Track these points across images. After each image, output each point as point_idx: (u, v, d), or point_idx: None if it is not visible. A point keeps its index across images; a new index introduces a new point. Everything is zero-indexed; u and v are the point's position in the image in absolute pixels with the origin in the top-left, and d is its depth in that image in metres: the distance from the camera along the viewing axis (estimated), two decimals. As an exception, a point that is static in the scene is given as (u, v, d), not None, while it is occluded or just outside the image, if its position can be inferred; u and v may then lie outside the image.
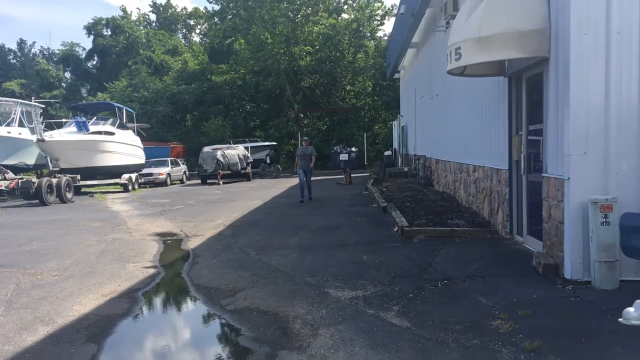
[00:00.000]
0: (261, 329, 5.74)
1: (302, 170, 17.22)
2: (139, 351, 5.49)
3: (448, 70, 8.51)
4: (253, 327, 5.79)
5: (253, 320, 6.00)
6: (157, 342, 5.73)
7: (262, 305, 6.48)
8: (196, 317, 6.57)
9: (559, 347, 4.73)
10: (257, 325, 5.83)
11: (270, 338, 5.46)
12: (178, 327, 6.27)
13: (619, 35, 6.36)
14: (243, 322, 5.99)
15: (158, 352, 5.42)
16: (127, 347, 5.56)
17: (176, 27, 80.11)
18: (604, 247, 6.17)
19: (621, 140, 6.40)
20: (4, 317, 6.11)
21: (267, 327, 5.78)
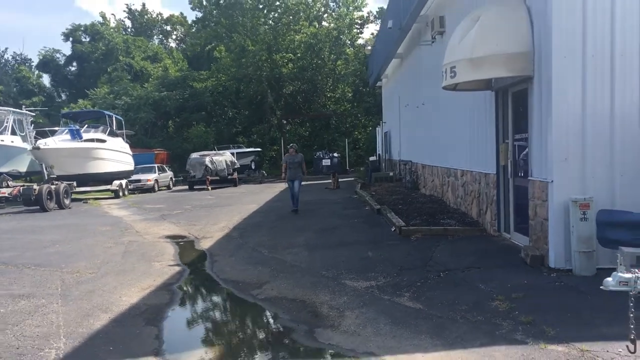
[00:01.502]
0: (294, 312, 6.67)
1: (290, 180, 16.05)
2: (194, 331, 6.39)
3: (443, 86, 9.54)
4: (287, 311, 6.71)
5: (285, 306, 6.92)
6: (207, 324, 6.64)
7: (289, 294, 7.40)
8: (234, 304, 7.45)
9: (549, 319, 5.75)
10: (290, 310, 6.76)
11: (305, 319, 6.39)
12: (221, 312, 7.17)
13: (593, 58, 7.45)
14: (277, 307, 6.90)
15: (210, 331, 6.33)
16: (182, 329, 6.46)
17: (152, 33, 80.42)
18: (583, 240, 7.24)
19: (596, 149, 7.49)
20: (65, 307, 6.92)
21: (299, 311, 6.70)
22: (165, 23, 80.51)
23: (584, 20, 7.43)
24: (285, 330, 6.15)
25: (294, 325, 6.20)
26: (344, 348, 5.44)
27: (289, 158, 16.27)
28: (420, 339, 5.51)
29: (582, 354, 4.90)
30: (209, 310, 7.28)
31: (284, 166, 16.35)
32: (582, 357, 4.85)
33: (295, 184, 15.96)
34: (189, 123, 47.79)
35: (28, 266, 9.46)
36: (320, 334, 5.88)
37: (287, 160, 16.34)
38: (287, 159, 16.36)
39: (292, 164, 16.07)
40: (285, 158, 16.71)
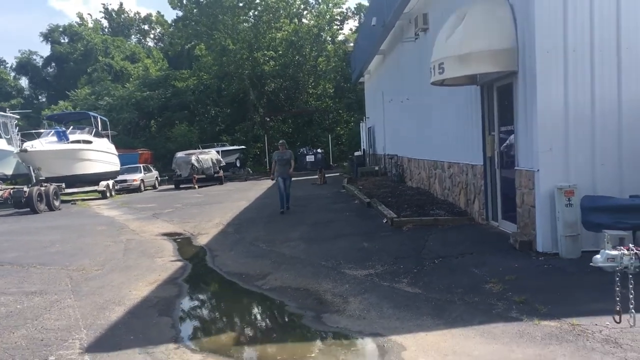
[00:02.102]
0: (300, 300, 7.04)
1: (280, 178, 15.24)
2: (207, 320, 6.73)
3: (432, 82, 9.94)
4: (293, 299, 7.08)
5: (290, 295, 7.28)
6: (218, 313, 6.98)
7: (293, 284, 7.76)
8: (241, 294, 7.77)
9: (541, 298, 6.18)
10: (296, 298, 7.12)
11: (311, 306, 6.76)
12: (230, 302, 7.52)
13: (574, 52, 7.90)
14: (282, 296, 7.26)
15: (223, 320, 6.67)
16: (196, 318, 6.80)
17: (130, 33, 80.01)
18: (568, 225, 7.70)
19: (578, 139, 7.94)
20: (79, 302, 7.21)
21: (305, 299, 7.07)
22: (142, 22, 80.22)
23: (565, 17, 7.86)
24: (295, 316, 6.52)
25: (302, 312, 6.57)
26: (352, 330, 5.82)
27: (278, 155, 15.44)
28: (422, 320, 5.91)
29: (573, 327, 5.33)
30: (218, 301, 7.62)
31: (273, 163, 15.59)
32: (573, 330, 5.27)
33: (286, 182, 15.26)
34: (171, 122, 47.80)
35: (34, 265, 9.70)
36: (327, 318, 6.25)
37: (276, 157, 15.47)
38: (277, 155, 15.48)
39: (281, 161, 15.27)
40: (274, 155, 15.81)
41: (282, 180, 15.18)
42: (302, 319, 6.37)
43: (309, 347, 5.55)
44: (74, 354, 5.34)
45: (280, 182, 15.20)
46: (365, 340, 5.53)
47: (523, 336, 5.25)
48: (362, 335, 5.66)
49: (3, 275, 8.94)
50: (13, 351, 5.45)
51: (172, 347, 5.53)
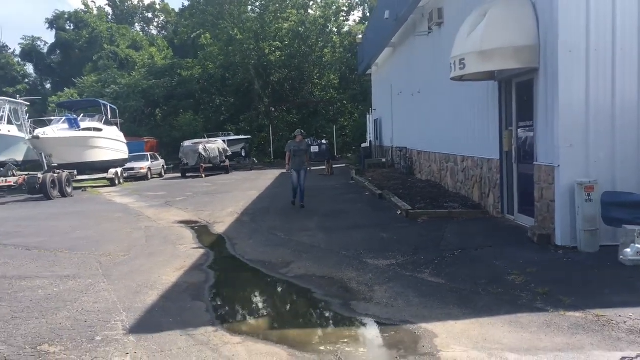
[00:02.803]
0: (326, 288, 7.24)
1: (294, 170, 14.41)
2: (239, 305, 6.95)
3: (451, 77, 10.13)
4: (319, 287, 7.28)
5: (316, 283, 7.48)
6: (248, 299, 7.19)
7: (317, 272, 7.97)
8: (267, 281, 7.97)
9: (563, 290, 6.40)
10: (322, 286, 7.32)
11: (337, 294, 6.96)
12: (258, 289, 7.73)
13: (595, 52, 8.08)
14: (308, 284, 7.46)
15: (253, 305, 6.89)
16: (227, 303, 7.04)
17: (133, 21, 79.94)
18: (587, 219, 7.90)
19: (598, 135, 8.14)
20: (113, 286, 7.42)
21: (330, 287, 7.27)
22: (146, 10, 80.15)
23: (588, 17, 8.04)
24: (323, 303, 6.73)
25: (330, 299, 6.78)
26: (381, 318, 6.02)
27: (295, 145, 14.45)
28: (449, 309, 6.12)
29: (598, 318, 5.55)
30: (246, 287, 7.82)
31: (288, 155, 14.49)
32: (598, 321, 5.49)
33: (301, 175, 14.31)
34: (176, 111, 47.94)
35: (60, 250, 9.92)
36: (356, 306, 6.46)
37: (292, 147, 14.46)
38: (292, 145, 14.49)
39: (297, 152, 14.33)
40: (289, 145, 14.72)
41: (297, 172, 14.33)
42: (331, 305, 6.58)
43: (342, 333, 5.75)
44: (119, 335, 5.55)
45: (295, 175, 14.36)
46: (396, 327, 5.72)
47: (550, 326, 5.46)
48: (392, 322, 5.85)
49: (34, 259, 9.16)
50: (60, 332, 5.66)
51: (210, 330, 5.74)
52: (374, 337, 5.54)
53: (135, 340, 5.40)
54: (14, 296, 7.00)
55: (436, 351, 5.02)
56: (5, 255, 9.67)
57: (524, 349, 4.96)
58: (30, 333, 5.63)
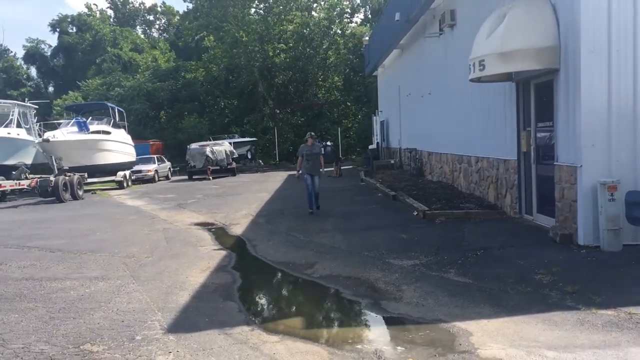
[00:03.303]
0: (354, 288, 7.31)
1: (308, 175, 13.59)
2: (270, 305, 7.03)
3: (470, 78, 10.22)
4: (346, 287, 7.35)
5: (342, 283, 7.55)
6: (279, 299, 7.27)
7: (343, 273, 8.04)
8: (295, 282, 8.04)
9: (592, 289, 6.47)
10: (349, 286, 7.39)
11: (366, 294, 7.03)
12: (286, 289, 7.82)
13: (617, 52, 8.16)
14: (336, 284, 7.54)
15: (285, 305, 6.97)
16: (259, 303, 7.12)
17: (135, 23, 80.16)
18: (610, 219, 7.97)
19: (620, 135, 8.21)
20: (143, 287, 7.50)
21: (358, 287, 7.35)
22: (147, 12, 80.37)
23: (609, 18, 8.13)
24: (353, 303, 6.80)
25: (359, 299, 6.86)
26: (413, 317, 6.08)
27: (307, 149, 13.63)
28: (481, 308, 6.19)
29: (630, 316, 5.62)
30: (274, 288, 7.91)
31: (300, 160, 13.81)
32: (631, 319, 5.56)
33: (315, 180, 13.58)
34: (181, 114, 48.04)
35: (84, 252, 10.00)
36: (386, 305, 6.53)
37: (304, 151, 13.65)
38: (304, 149, 13.67)
39: (310, 156, 13.57)
40: (301, 149, 13.85)
41: (311, 177, 13.56)
42: (361, 305, 6.65)
43: (376, 332, 5.82)
44: (158, 334, 5.62)
45: (309, 179, 13.52)
46: (430, 326, 5.78)
47: (584, 324, 5.53)
48: (425, 321, 5.92)
49: (60, 261, 9.25)
50: (99, 331, 5.73)
51: (246, 329, 5.81)
52: (409, 336, 5.58)
53: (175, 340, 5.48)
54: (47, 297, 7.08)
55: (474, 349, 5.08)
56: (30, 257, 9.75)
57: (561, 347, 5.02)
58: (71, 333, 5.70)
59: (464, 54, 13.76)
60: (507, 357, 4.87)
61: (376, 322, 6.13)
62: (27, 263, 9.16)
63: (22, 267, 8.91)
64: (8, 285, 7.73)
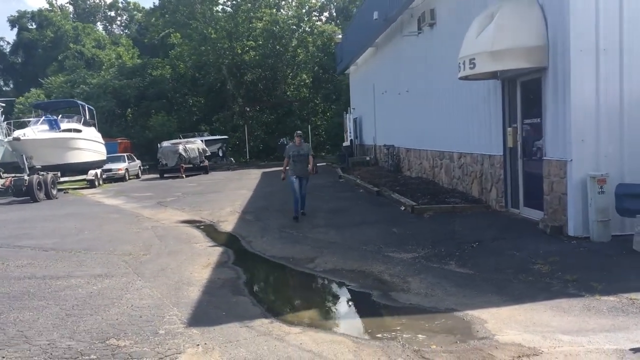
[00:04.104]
0: (360, 281, 7.48)
1: (295, 178, 12.27)
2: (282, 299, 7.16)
3: (460, 76, 10.50)
4: (352, 280, 7.52)
5: (348, 277, 7.72)
6: (289, 293, 7.41)
7: (345, 267, 8.20)
8: (300, 276, 8.15)
9: (590, 277, 6.79)
10: (355, 279, 7.57)
11: (373, 286, 7.21)
12: (293, 283, 7.96)
13: (605, 51, 8.53)
14: (341, 277, 7.71)
15: (297, 299, 7.11)
16: (270, 297, 7.23)
17: (95, 19, 78.76)
18: (600, 211, 8.34)
19: (608, 131, 8.60)
20: (150, 283, 7.52)
21: (364, 279, 7.52)
22: (108, 9, 79.14)
23: (597, 20, 8.49)
24: (363, 295, 6.97)
25: (368, 291, 7.02)
26: (426, 306, 6.30)
27: (294, 149, 12.35)
28: (488, 297, 6.44)
29: (632, 302, 5.94)
30: (281, 282, 8.05)
31: (286, 161, 12.54)
32: (633, 304, 5.88)
33: (303, 183, 12.42)
34: (148, 112, 47.48)
35: (78, 251, 9.92)
36: (396, 296, 6.72)
37: (291, 151, 12.37)
38: (292, 150, 12.39)
39: (297, 157, 12.24)
40: (288, 149, 12.59)
41: (299, 180, 12.29)
42: (373, 296, 6.82)
43: (393, 321, 5.95)
44: (180, 328, 5.69)
45: (296, 182, 12.24)
46: (443, 314, 6.00)
47: (590, 309, 5.83)
48: (437, 310, 6.14)
49: (57, 260, 9.16)
50: (120, 327, 5.76)
51: (265, 322, 5.92)
52: (426, 325, 5.76)
53: (199, 333, 5.55)
54: (56, 295, 7.04)
55: (491, 335, 5.31)
56: (25, 256, 9.62)
57: (573, 331, 5.30)
58: (92, 329, 5.72)
59: (445, 52, 14.17)
60: (524, 341, 5.10)
61: (390, 312, 6.29)
62: (24, 262, 9.04)
63: (19, 266, 8.79)
64: (11, 284, 7.65)
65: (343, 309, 6.65)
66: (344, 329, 5.74)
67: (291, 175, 12.36)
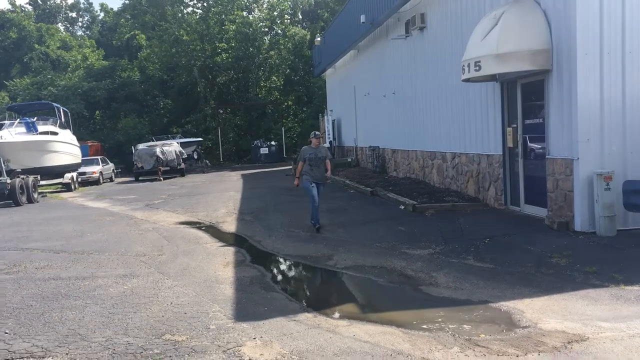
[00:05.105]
0: (385, 276, 7.68)
1: (313, 184, 11.15)
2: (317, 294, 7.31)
3: (464, 78, 10.83)
4: (378, 276, 7.70)
5: (372, 272, 7.89)
6: (319, 288, 7.57)
7: (366, 263, 8.38)
8: (324, 273, 8.30)
9: (609, 269, 7.14)
10: (380, 275, 7.75)
11: (400, 281, 7.41)
12: (320, 279, 8.12)
13: (608, 55, 8.96)
14: (365, 273, 7.87)
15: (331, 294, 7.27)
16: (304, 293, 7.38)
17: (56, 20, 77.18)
18: (606, 206, 8.74)
19: (611, 130, 9.02)
20: (178, 282, 7.56)
21: (389, 275, 7.72)
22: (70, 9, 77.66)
23: (601, 24, 8.91)
24: (394, 289, 7.16)
25: (398, 286, 7.24)
26: (460, 299, 6.53)
27: (310, 151, 11.17)
28: (517, 289, 6.70)
29: (656, 290, 6.30)
30: (307, 279, 8.19)
31: (301, 165, 11.30)
32: (658, 292, 6.24)
33: (319, 189, 11.28)
34: (118, 114, 46.84)
35: (90, 252, 9.85)
36: (428, 290, 6.94)
37: (307, 154, 11.16)
38: (308, 152, 11.20)
39: (314, 160, 11.09)
40: (303, 151, 11.40)
41: (316, 186, 11.20)
42: (404, 291, 7.03)
43: (434, 313, 6.09)
44: (230, 323, 5.78)
45: (314, 190, 11.12)
46: (480, 306, 6.23)
47: (619, 298, 6.15)
48: (472, 302, 6.37)
49: (74, 262, 9.07)
50: (169, 322, 5.82)
51: (309, 316, 6.06)
52: (465, 316, 5.97)
53: (249, 327, 5.66)
54: (90, 295, 7.02)
55: (533, 324, 5.57)
56: (39, 258, 9.49)
57: (610, 318, 5.60)
58: (142, 326, 5.75)
59: (437, 55, 14.56)
60: (567, 329, 5.37)
61: (427, 305, 6.47)
62: (42, 264, 8.93)
63: (38, 268, 8.69)
64: (39, 285, 7.57)
65: (379, 302, 6.81)
66: (388, 321, 5.89)
67: (307, 181, 11.15)
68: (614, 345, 4.88)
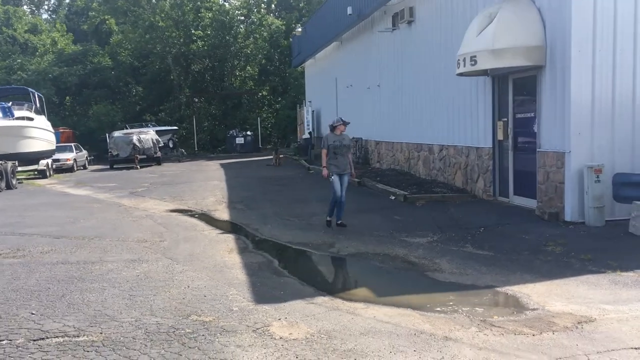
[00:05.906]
0: (390, 263, 7.93)
1: (336, 175, 10.26)
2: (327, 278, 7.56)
3: (460, 73, 11.12)
4: (382, 262, 7.94)
5: (376, 259, 8.13)
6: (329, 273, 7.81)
7: (368, 250, 8.61)
8: (329, 260, 8.49)
9: (603, 256, 7.54)
10: (384, 261, 7.99)
11: (406, 267, 7.68)
12: (327, 265, 8.34)
13: (600, 52, 9.35)
14: (370, 260, 8.11)
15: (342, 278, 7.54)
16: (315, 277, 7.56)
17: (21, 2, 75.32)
18: (596, 198, 9.16)
19: (601, 125, 9.45)
20: (189, 267, 7.66)
21: (393, 261, 7.97)
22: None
23: (594, 22, 9.30)
24: (401, 274, 7.42)
25: (404, 272, 7.50)
26: (466, 284, 6.81)
27: (334, 138, 10.27)
28: (520, 275, 7.02)
29: (651, 276, 6.69)
30: (314, 264, 8.37)
31: (325, 152, 10.33)
32: (652, 278, 6.63)
33: (345, 181, 10.35)
34: (89, 100, 46.13)
35: (91, 238, 9.83)
36: (434, 275, 7.21)
37: (331, 141, 10.24)
38: (332, 139, 10.26)
39: (339, 149, 10.20)
40: (327, 139, 10.39)
41: (340, 177, 10.29)
42: (412, 276, 7.29)
43: (445, 297, 6.29)
44: (251, 305, 5.94)
45: (337, 182, 10.24)
46: (487, 290, 6.53)
47: (617, 283, 6.52)
48: (479, 287, 6.66)
49: (78, 247, 9.05)
50: (192, 304, 5.95)
51: (326, 299, 6.26)
52: (475, 300, 6.23)
53: (271, 309, 5.82)
54: (105, 278, 7.09)
55: (541, 307, 5.88)
56: (41, 243, 9.42)
57: (612, 301, 5.95)
58: (166, 307, 5.87)
59: (425, 49, 14.88)
60: (574, 311, 5.69)
61: (436, 289, 6.72)
62: (46, 249, 8.90)
63: (43, 252, 8.67)
64: (50, 269, 7.59)
65: (390, 287, 7.01)
66: (403, 304, 6.11)
67: (333, 172, 10.25)
68: (621, 326, 5.21)
